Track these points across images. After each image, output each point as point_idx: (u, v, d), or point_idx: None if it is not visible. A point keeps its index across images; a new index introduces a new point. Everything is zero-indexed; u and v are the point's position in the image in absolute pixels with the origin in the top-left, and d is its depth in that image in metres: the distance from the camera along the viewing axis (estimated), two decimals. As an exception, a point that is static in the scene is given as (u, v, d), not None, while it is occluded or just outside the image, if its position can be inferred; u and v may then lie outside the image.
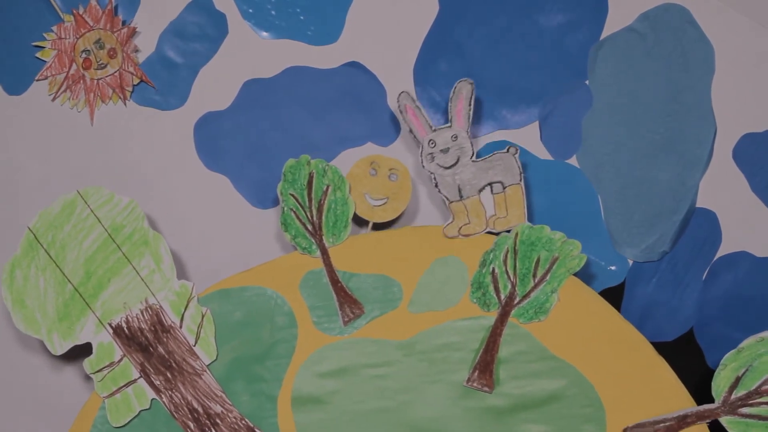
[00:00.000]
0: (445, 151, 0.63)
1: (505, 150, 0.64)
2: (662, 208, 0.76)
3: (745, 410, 0.55)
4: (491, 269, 0.61)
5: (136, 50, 0.75)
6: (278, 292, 0.64)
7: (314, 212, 0.63)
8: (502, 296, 0.61)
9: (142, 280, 0.63)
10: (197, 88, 0.76)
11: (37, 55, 0.73)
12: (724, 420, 0.56)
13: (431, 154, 0.63)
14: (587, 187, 0.76)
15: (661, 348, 0.64)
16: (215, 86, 0.76)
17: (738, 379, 0.55)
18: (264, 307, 0.63)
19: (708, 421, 0.57)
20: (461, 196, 0.64)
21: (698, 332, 0.77)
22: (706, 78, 0.75)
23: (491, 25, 0.75)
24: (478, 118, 0.76)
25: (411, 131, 0.65)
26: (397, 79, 0.75)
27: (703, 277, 0.77)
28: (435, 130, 0.64)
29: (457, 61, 0.75)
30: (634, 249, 0.76)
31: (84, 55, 0.72)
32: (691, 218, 0.76)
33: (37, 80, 0.74)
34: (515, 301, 0.61)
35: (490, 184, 0.64)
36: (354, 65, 0.76)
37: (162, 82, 0.76)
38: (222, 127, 0.76)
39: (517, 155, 0.64)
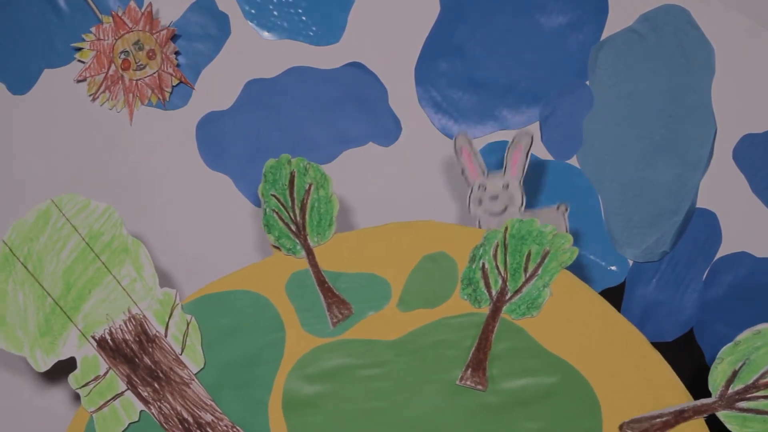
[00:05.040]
0: (494, 198, 0.61)
1: (556, 207, 0.62)
2: (662, 208, 0.76)
3: (742, 404, 0.55)
4: (481, 264, 0.60)
5: (176, 52, 0.75)
6: (264, 295, 0.62)
7: (297, 212, 0.62)
8: (493, 292, 0.60)
9: (124, 289, 0.60)
10: (200, 88, 0.76)
11: (76, 56, 0.74)
12: (721, 414, 0.56)
13: (480, 198, 0.62)
14: (588, 187, 0.76)
15: (662, 348, 0.64)
16: (218, 86, 0.76)
17: (735, 373, 0.55)
18: (250, 311, 0.62)
19: (705, 415, 0.57)
20: None
21: (698, 333, 0.77)
22: (706, 79, 0.75)
23: (492, 26, 0.76)
24: (479, 118, 0.76)
25: (463, 172, 0.63)
26: (398, 79, 0.76)
27: (704, 277, 0.77)
28: (488, 176, 0.63)
29: (458, 62, 0.76)
30: (635, 249, 0.76)
31: (123, 56, 0.73)
32: (692, 219, 0.76)
33: (77, 81, 0.74)
34: (507, 297, 0.60)
35: None
36: (356, 65, 0.76)
37: (165, 82, 0.76)
38: (224, 127, 0.76)
39: (566, 213, 0.63)
